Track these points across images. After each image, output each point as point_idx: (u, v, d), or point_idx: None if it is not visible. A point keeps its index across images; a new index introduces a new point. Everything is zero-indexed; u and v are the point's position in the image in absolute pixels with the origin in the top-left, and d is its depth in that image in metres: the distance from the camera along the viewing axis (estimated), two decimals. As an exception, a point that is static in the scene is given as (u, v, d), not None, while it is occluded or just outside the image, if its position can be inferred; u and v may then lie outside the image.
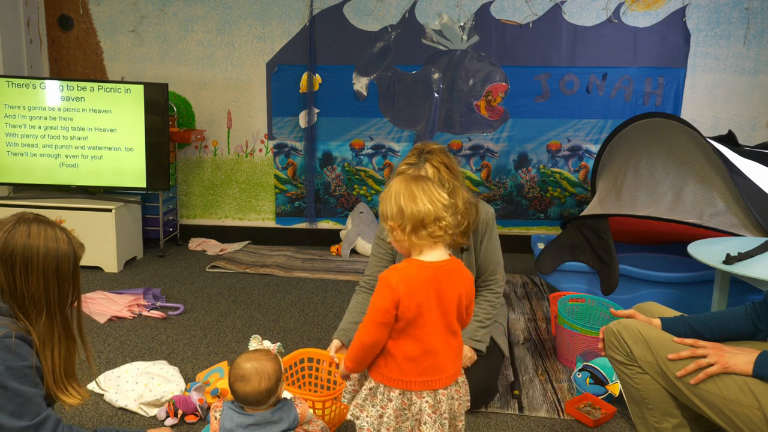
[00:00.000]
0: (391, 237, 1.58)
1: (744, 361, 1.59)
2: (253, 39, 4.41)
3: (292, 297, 3.55)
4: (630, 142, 3.42)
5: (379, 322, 1.51)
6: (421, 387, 1.54)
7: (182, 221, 4.72)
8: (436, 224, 1.51)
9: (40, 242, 1.45)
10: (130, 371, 2.40)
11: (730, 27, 4.12)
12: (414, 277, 1.51)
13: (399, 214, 1.52)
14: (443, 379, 1.56)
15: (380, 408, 1.55)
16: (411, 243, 1.54)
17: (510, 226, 4.53)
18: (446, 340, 1.56)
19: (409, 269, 1.53)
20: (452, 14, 4.27)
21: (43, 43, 4.55)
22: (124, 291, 3.41)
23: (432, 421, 1.54)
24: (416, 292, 1.50)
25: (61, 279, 1.48)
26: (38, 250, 1.44)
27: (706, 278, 2.94)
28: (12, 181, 4.00)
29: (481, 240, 2.40)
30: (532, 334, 3.05)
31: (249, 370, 1.66)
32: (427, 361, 1.53)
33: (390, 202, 1.55)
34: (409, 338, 1.52)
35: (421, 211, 1.50)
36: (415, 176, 1.60)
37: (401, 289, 1.49)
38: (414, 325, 1.52)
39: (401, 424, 1.55)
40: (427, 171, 2.19)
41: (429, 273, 1.53)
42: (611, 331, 1.82)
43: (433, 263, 1.54)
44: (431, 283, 1.52)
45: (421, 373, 1.53)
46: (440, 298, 1.53)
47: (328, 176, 4.57)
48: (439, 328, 1.54)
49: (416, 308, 1.50)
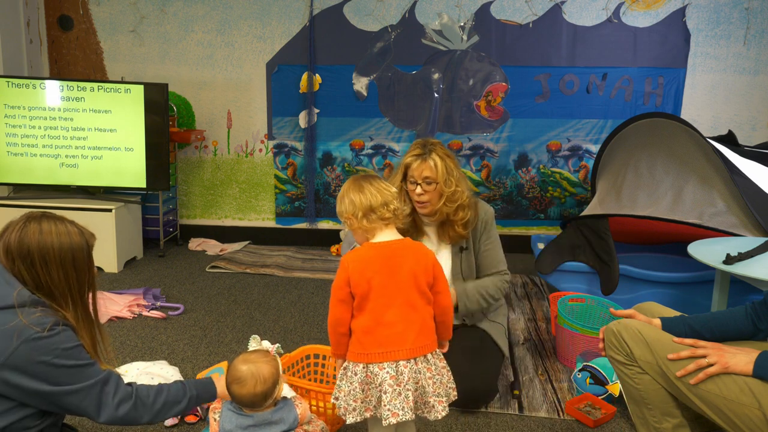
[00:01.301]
0: (349, 227, 1.77)
1: (744, 361, 1.59)
2: (253, 39, 4.41)
3: (292, 297, 3.55)
4: (630, 142, 3.42)
5: (337, 299, 1.69)
6: (381, 358, 1.64)
7: (182, 221, 4.72)
8: (384, 208, 1.71)
9: (53, 237, 1.54)
10: (131, 371, 2.39)
11: (730, 27, 4.12)
12: (364, 256, 1.70)
13: (351, 205, 1.72)
14: (403, 350, 1.65)
15: (349, 384, 1.67)
16: (364, 227, 1.72)
17: (510, 226, 4.53)
18: (404, 313, 1.68)
19: (360, 250, 1.74)
20: (452, 14, 4.27)
21: (43, 43, 4.55)
22: (124, 291, 3.41)
23: (393, 392, 1.62)
24: (367, 269, 1.67)
25: (79, 269, 1.58)
26: (52, 244, 1.53)
27: (706, 278, 2.93)
28: (12, 181, 4.00)
29: (480, 238, 2.40)
30: (532, 334, 3.05)
31: (245, 372, 1.66)
32: (383, 333, 1.65)
33: (343, 199, 1.75)
34: (365, 312, 1.68)
35: (368, 199, 1.70)
36: (363, 175, 1.79)
37: (351, 267, 1.68)
38: (367, 299, 1.67)
39: (367, 396, 1.66)
40: (435, 161, 2.22)
41: (379, 251, 1.71)
42: (611, 331, 1.82)
43: (383, 243, 1.73)
44: (382, 259, 1.69)
45: (379, 345, 1.65)
46: (392, 272, 1.68)
47: (328, 176, 4.57)
48: (393, 301, 1.67)
49: (366, 283, 1.66)
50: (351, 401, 1.65)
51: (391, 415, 1.60)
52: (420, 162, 2.24)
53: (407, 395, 1.62)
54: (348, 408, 1.65)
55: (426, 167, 2.23)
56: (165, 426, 2.16)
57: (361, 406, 1.65)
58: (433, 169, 2.23)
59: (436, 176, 2.23)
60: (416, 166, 2.25)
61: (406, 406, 1.61)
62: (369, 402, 1.65)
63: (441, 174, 2.23)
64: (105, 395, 1.54)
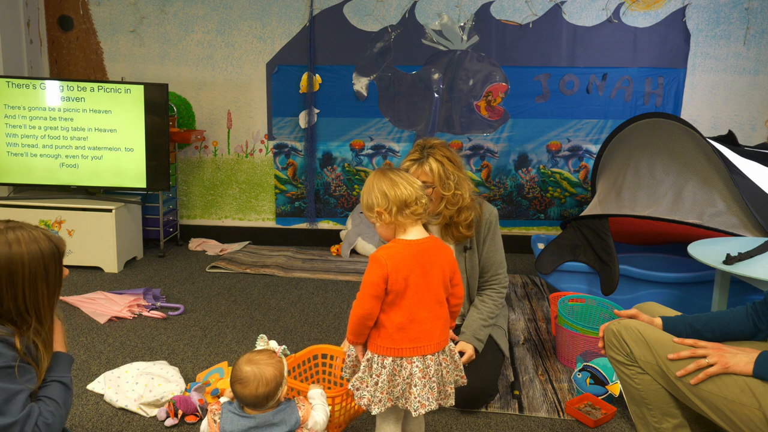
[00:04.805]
0: (379, 222, 1.73)
1: (744, 361, 1.59)
2: (253, 39, 4.41)
3: (292, 297, 3.55)
4: (630, 142, 3.42)
5: (371, 295, 1.67)
6: (411, 353, 1.68)
7: (182, 221, 4.72)
8: (417, 203, 1.69)
9: (23, 248, 1.43)
10: (131, 371, 2.40)
11: (730, 27, 4.13)
12: (400, 253, 1.69)
13: (384, 198, 1.69)
14: (431, 345, 1.70)
15: (376, 377, 1.69)
16: (398, 222, 1.71)
17: (510, 226, 4.53)
18: (433, 309, 1.72)
19: (395, 247, 1.71)
20: (452, 14, 4.27)
21: (43, 44, 4.55)
22: (124, 291, 3.41)
23: (422, 384, 1.68)
24: (403, 267, 1.67)
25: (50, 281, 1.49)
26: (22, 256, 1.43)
27: (706, 278, 2.94)
28: (12, 181, 4.01)
29: (484, 240, 2.40)
30: (532, 334, 3.05)
31: (248, 373, 1.66)
32: (415, 329, 1.68)
33: (373, 191, 1.72)
34: (398, 309, 1.68)
35: (403, 193, 1.68)
36: (389, 168, 1.77)
37: (389, 265, 1.65)
38: (402, 297, 1.67)
39: (393, 388, 1.69)
40: (431, 165, 2.22)
41: (413, 249, 1.70)
42: (611, 331, 1.82)
43: (415, 241, 1.72)
44: (415, 258, 1.69)
45: (411, 340, 1.68)
46: (424, 271, 1.69)
47: (328, 176, 4.57)
48: (424, 299, 1.70)
49: (403, 281, 1.66)
50: (378, 393, 1.68)
51: (420, 407, 1.67)
52: (417, 167, 2.24)
53: (432, 387, 1.70)
54: (373, 399, 1.69)
55: (422, 172, 2.23)
56: (165, 426, 2.16)
57: (385, 397, 1.69)
58: (428, 174, 2.23)
59: (432, 181, 2.23)
60: (413, 170, 2.25)
61: (431, 396, 1.69)
62: (392, 393, 1.69)
63: (437, 179, 2.23)
64: None
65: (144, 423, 2.19)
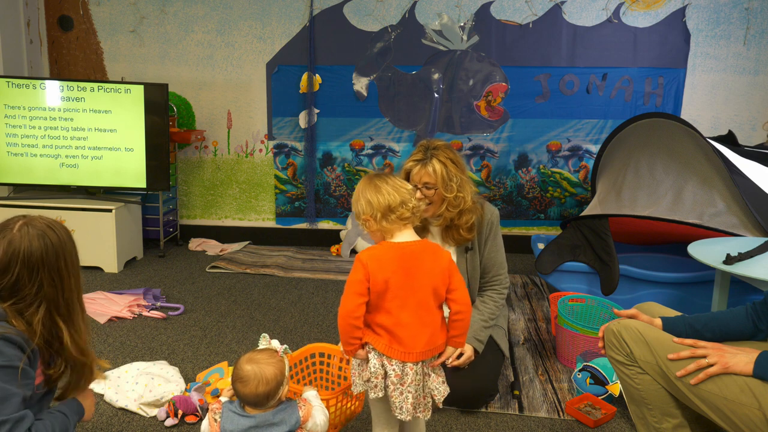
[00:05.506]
0: (367, 229, 1.74)
1: (744, 361, 1.59)
2: (253, 39, 4.41)
3: (292, 297, 3.55)
4: (630, 142, 3.42)
5: (354, 292, 1.66)
6: (391, 354, 1.68)
7: (182, 221, 4.72)
8: (403, 207, 1.69)
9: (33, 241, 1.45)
10: (131, 371, 2.40)
11: (730, 27, 4.13)
12: (382, 255, 1.69)
13: (368, 206, 1.70)
14: (414, 354, 1.68)
15: (367, 364, 1.72)
16: (383, 228, 1.71)
17: (510, 226, 4.53)
18: (418, 315, 1.69)
19: (378, 249, 1.71)
20: (452, 14, 4.27)
21: (43, 44, 4.55)
22: (124, 291, 3.41)
23: (395, 390, 1.68)
24: (384, 268, 1.66)
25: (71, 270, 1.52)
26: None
27: (706, 278, 2.94)
28: (12, 181, 4.01)
29: (486, 241, 2.40)
30: (532, 334, 3.05)
31: (248, 372, 1.66)
32: (398, 333, 1.67)
33: (359, 200, 1.72)
34: (382, 311, 1.69)
35: (387, 199, 1.68)
36: (376, 173, 1.78)
37: (370, 265, 1.66)
38: (382, 299, 1.67)
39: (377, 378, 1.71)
40: (434, 167, 2.22)
41: (397, 252, 1.69)
42: (611, 331, 1.82)
43: (401, 243, 1.71)
44: (399, 260, 1.68)
45: (392, 343, 1.68)
46: (408, 274, 1.68)
47: (328, 176, 4.57)
48: (407, 302, 1.68)
49: (384, 283, 1.65)
50: (373, 379, 1.70)
51: (397, 410, 1.69)
52: (420, 167, 2.24)
53: (407, 396, 1.67)
54: (370, 385, 1.71)
55: (425, 173, 2.23)
56: (165, 426, 2.16)
57: (381, 382, 1.70)
58: (431, 175, 2.23)
59: (435, 182, 2.23)
60: (416, 171, 2.25)
61: (404, 406, 1.67)
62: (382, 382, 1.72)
63: (440, 180, 2.22)
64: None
65: (144, 423, 2.19)
